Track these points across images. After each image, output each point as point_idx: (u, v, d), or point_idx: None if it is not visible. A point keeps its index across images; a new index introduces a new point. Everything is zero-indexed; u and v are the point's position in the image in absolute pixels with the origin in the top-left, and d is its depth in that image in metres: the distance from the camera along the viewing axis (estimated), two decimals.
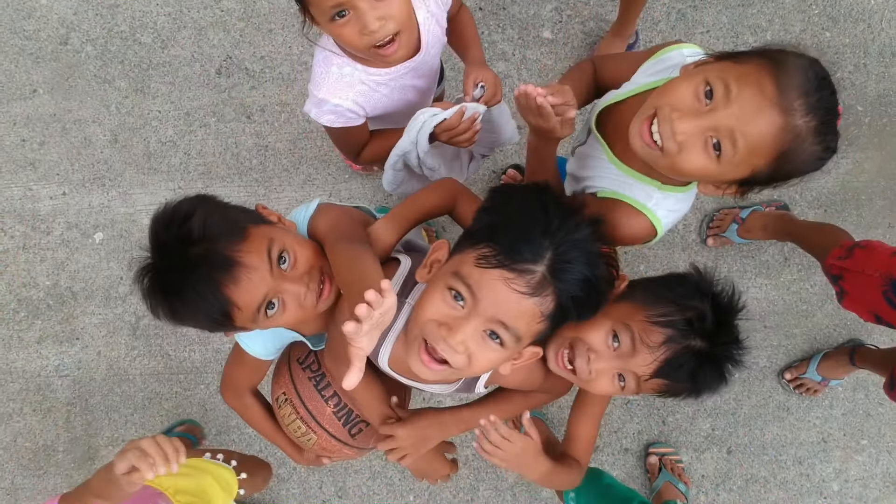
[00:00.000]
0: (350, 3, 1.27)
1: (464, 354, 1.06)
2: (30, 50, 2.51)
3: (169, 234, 1.14)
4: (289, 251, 1.21)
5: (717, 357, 1.21)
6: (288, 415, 1.51)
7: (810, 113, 1.06)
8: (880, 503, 2.52)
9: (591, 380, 1.27)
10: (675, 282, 1.28)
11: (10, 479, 2.55)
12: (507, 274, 1.02)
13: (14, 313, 2.54)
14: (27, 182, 2.52)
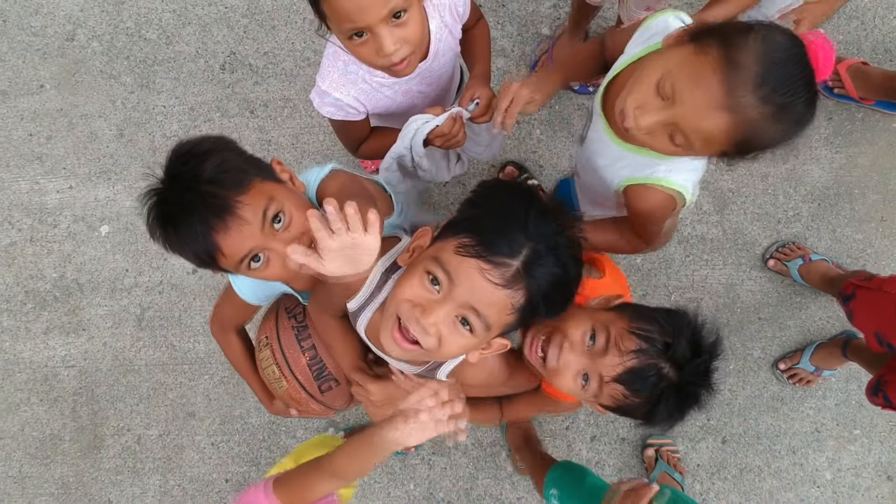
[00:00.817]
0: (369, 27, 1.29)
1: (434, 337, 1.08)
2: (37, 46, 2.53)
3: (183, 168, 1.16)
4: (285, 212, 1.21)
5: (682, 389, 1.22)
6: (266, 358, 1.54)
7: (763, 104, 1.07)
8: (872, 492, 2.53)
9: (557, 370, 1.28)
10: (667, 312, 1.29)
11: (18, 468, 2.57)
12: (484, 264, 1.04)
13: (21, 305, 2.55)
14: (34, 176, 2.54)
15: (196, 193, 1.14)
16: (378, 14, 1.26)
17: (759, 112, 1.07)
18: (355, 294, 1.30)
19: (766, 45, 1.08)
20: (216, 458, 2.54)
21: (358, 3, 1.24)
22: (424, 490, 2.51)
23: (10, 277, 2.55)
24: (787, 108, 1.08)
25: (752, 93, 1.06)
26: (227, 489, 2.54)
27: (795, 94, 1.08)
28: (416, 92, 1.62)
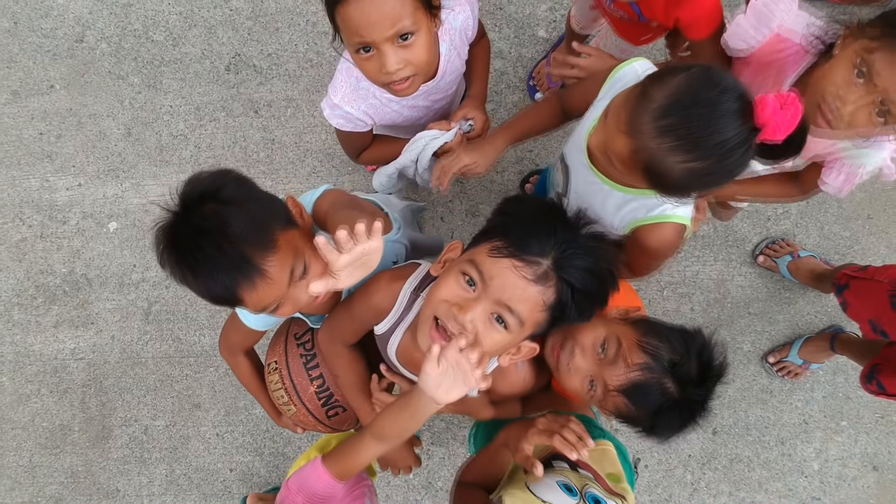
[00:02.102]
0: (375, 44, 1.31)
1: (472, 333, 1.09)
2: (47, 47, 2.54)
3: (207, 223, 1.11)
4: (308, 266, 1.21)
5: (683, 405, 1.24)
6: (275, 382, 1.56)
7: (662, 136, 1.07)
8: (858, 482, 2.55)
9: (567, 372, 1.31)
10: (680, 331, 1.31)
11: (29, 457, 2.58)
12: (516, 262, 1.08)
13: (32, 299, 2.57)
14: (44, 174, 2.55)
15: (225, 254, 1.10)
16: (385, 33, 1.29)
17: (658, 144, 1.08)
18: (384, 317, 1.33)
19: (686, 79, 1.08)
20: (221, 448, 2.56)
21: (367, 20, 1.27)
22: (423, 479, 2.53)
23: (21, 272, 2.56)
24: (690, 143, 1.07)
25: (652, 122, 1.08)
26: (231, 478, 2.56)
27: (693, 133, 1.07)
28: (423, 107, 1.65)
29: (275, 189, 2.51)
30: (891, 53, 1.18)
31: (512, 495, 1.28)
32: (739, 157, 1.08)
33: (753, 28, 1.40)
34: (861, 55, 1.22)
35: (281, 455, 2.54)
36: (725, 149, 1.07)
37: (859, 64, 1.22)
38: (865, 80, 1.22)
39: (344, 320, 1.41)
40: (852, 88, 1.24)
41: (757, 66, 1.45)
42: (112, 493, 2.58)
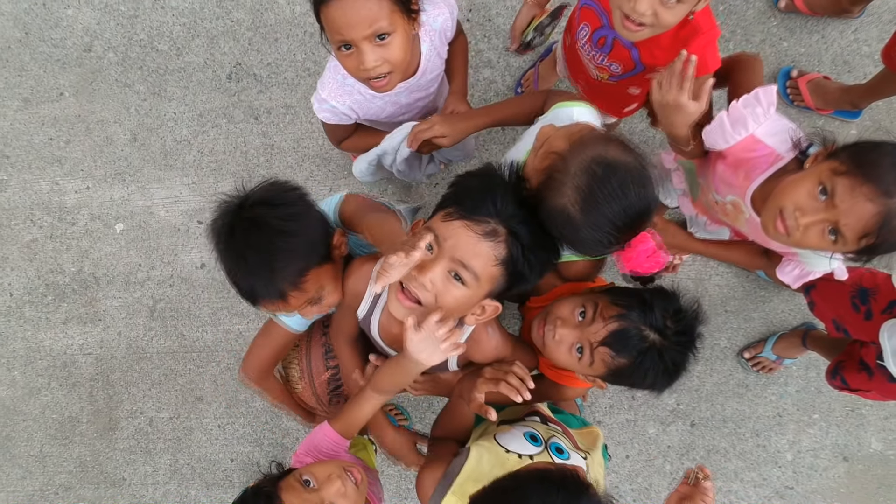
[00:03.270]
0: (354, 42, 1.40)
1: (432, 292, 1.19)
2: (57, 56, 2.60)
3: (261, 233, 1.30)
4: (325, 297, 1.40)
5: (663, 349, 1.32)
6: (292, 360, 1.68)
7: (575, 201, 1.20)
8: (829, 471, 2.62)
9: (555, 345, 1.40)
10: (648, 289, 1.40)
11: (39, 448, 2.65)
12: (467, 222, 1.17)
13: (42, 297, 2.64)
14: (54, 177, 2.62)
15: (263, 276, 1.30)
16: (363, 32, 1.38)
17: (575, 209, 1.18)
18: (361, 299, 1.44)
19: (596, 170, 1.18)
20: (222, 439, 2.63)
21: (347, 20, 1.36)
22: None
23: (32, 271, 2.63)
24: (589, 210, 1.18)
25: (568, 178, 1.19)
26: (232, 468, 2.63)
27: (599, 202, 1.17)
28: (405, 104, 1.73)
29: None
30: (853, 183, 1.25)
31: (479, 445, 1.37)
32: (598, 248, 1.22)
33: (731, 128, 1.46)
34: (828, 176, 1.29)
35: (280, 446, 2.61)
36: (590, 238, 1.19)
37: (826, 182, 1.29)
38: (827, 198, 1.28)
39: (341, 316, 1.52)
40: (813, 203, 1.30)
41: (732, 162, 1.52)
42: (119, 482, 2.65)
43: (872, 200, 1.24)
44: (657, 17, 1.36)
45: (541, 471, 1.18)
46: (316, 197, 2.53)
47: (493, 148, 2.57)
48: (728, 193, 1.58)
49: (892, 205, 1.23)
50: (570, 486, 1.11)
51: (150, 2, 2.57)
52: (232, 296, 2.48)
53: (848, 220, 1.27)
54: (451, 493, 1.32)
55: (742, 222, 1.59)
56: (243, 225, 1.31)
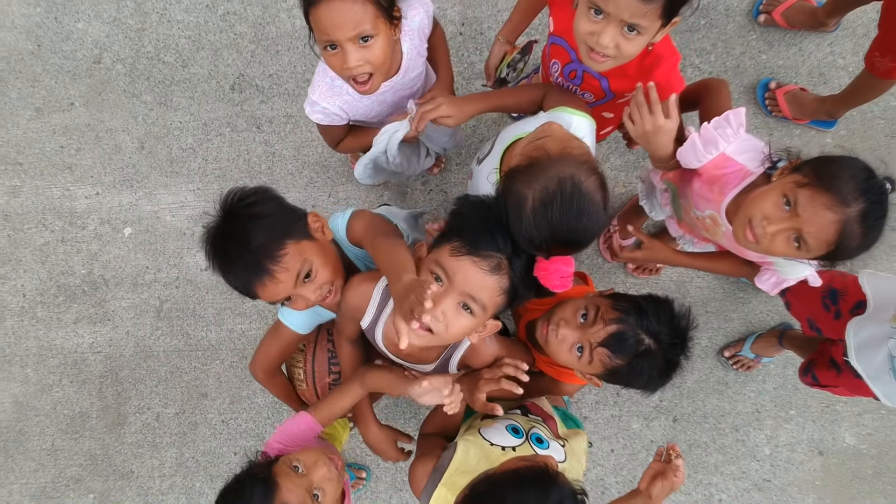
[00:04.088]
0: (339, 42, 1.49)
1: (443, 322, 1.27)
2: (68, 68, 2.69)
3: (235, 226, 1.40)
4: (314, 271, 1.45)
5: (657, 352, 1.40)
6: (297, 361, 1.76)
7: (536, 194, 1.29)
8: (805, 465, 2.70)
9: (557, 344, 1.49)
10: (647, 295, 1.49)
11: (51, 441, 2.74)
12: (475, 258, 1.25)
13: (54, 297, 2.72)
14: (65, 183, 2.70)
15: (243, 259, 1.38)
16: (347, 33, 1.47)
17: (532, 203, 1.27)
18: (362, 314, 1.52)
19: (567, 186, 1.27)
20: (226, 433, 2.72)
21: (332, 22, 1.45)
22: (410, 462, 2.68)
23: (44, 273, 2.71)
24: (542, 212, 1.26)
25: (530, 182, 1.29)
26: (235, 461, 2.71)
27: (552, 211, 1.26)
28: (391, 103, 1.81)
29: None
30: (815, 195, 1.34)
31: (465, 440, 1.46)
32: (527, 244, 1.29)
33: (703, 148, 1.54)
34: (792, 188, 1.38)
35: None
36: (526, 233, 1.27)
37: (789, 194, 1.38)
38: (791, 209, 1.37)
39: (341, 319, 1.60)
40: (779, 213, 1.39)
41: (706, 179, 1.60)
42: (127, 475, 2.73)
43: (831, 209, 1.33)
44: (619, 49, 1.44)
45: (514, 469, 1.27)
46: (316, 202, 2.64)
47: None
48: (706, 208, 1.66)
49: (850, 213, 1.32)
50: (540, 480, 1.20)
51: (157, 16, 2.66)
52: (235, 296, 2.56)
53: (810, 228, 1.36)
54: (441, 484, 1.41)
55: (720, 235, 1.67)
56: (221, 227, 1.41)
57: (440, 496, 1.39)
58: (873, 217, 1.33)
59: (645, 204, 2.19)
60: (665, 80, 1.53)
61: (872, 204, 1.32)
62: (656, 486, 1.51)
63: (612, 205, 2.63)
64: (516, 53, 1.89)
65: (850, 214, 1.32)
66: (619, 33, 1.41)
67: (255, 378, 1.81)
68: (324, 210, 2.67)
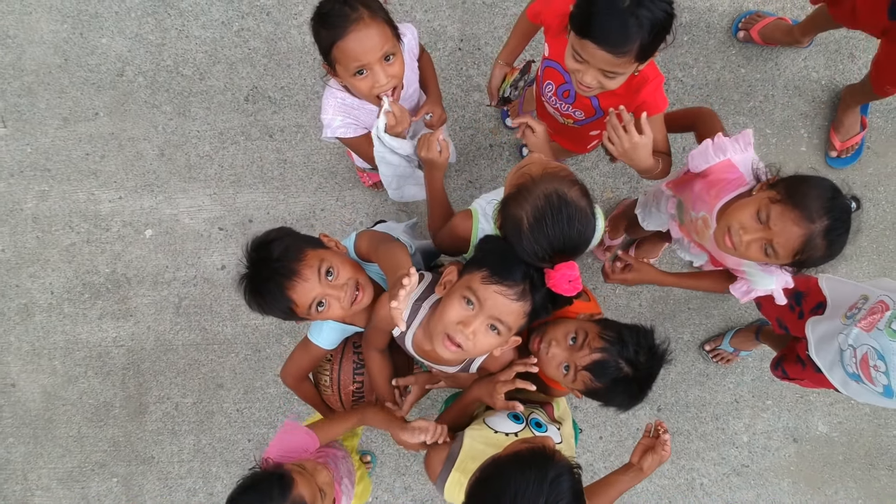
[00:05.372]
0: (370, 66, 1.64)
1: (472, 341, 1.43)
2: (92, 80, 2.80)
3: (258, 254, 1.55)
4: (333, 267, 1.58)
5: (633, 380, 1.55)
6: (324, 370, 1.90)
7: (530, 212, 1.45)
8: (781, 451, 2.84)
9: (547, 360, 1.63)
10: (633, 326, 1.62)
11: (77, 429, 2.86)
12: (503, 288, 1.40)
13: (80, 295, 2.85)
14: (90, 188, 2.82)
15: (270, 269, 1.52)
16: (376, 55, 1.63)
17: (527, 221, 1.42)
18: (392, 326, 1.67)
19: (554, 199, 1.41)
20: (240, 421, 2.84)
21: (363, 48, 1.61)
22: None
23: (71, 272, 2.84)
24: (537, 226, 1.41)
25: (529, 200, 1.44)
26: (249, 447, 2.85)
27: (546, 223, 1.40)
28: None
29: (286, 202, 2.80)
30: (785, 211, 1.48)
31: (472, 430, 1.61)
32: (531, 258, 1.42)
33: (713, 153, 1.69)
34: (766, 203, 1.52)
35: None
36: (528, 248, 1.41)
37: (763, 209, 1.52)
38: (764, 222, 1.52)
39: (371, 331, 1.74)
40: (754, 224, 1.54)
41: (710, 181, 1.74)
42: (148, 460, 2.87)
43: (798, 225, 1.47)
44: (602, 85, 1.59)
45: (515, 452, 1.39)
46: (325, 206, 2.77)
47: (481, 163, 2.79)
48: (701, 209, 1.80)
49: (814, 228, 1.47)
50: (540, 459, 1.32)
51: (176, 32, 2.79)
52: None
53: (779, 240, 1.50)
54: (454, 469, 1.55)
55: (707, 238, 1.81)
56: (250, 273, 1.57)
57: (454, 480, 1.53)
58: (836, 232, 1.48)
59: (640, 213, 2.32)
60: (651, 99, 1.68)
61: (835, 220, 1.47)
62: (647, 459, 1.66)
63: (603, 208, 2.76)
64: (516, 74, 2.02)
65: (814, 230, 1.47)
66: (599, 74, 1.55)
67: (284, 384, 1.95)
68: (331, 213, 2.81)
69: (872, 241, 2.80)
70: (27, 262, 2.82)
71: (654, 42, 1.48)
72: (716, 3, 2.75)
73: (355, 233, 1.83)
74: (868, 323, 1.71)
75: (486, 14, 2.76)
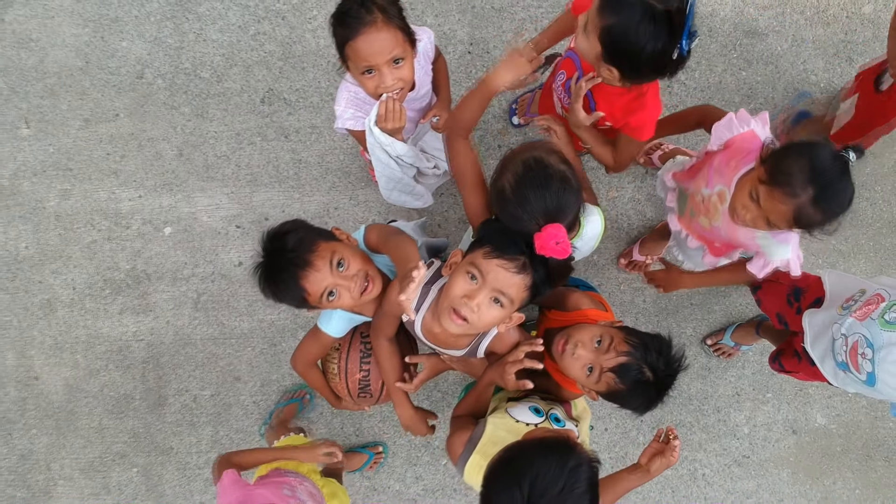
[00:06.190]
0: (377, 67, 1.71)
1: (477, 314, 1.49)
2: (113, 83, 2.86)
3: (273, 245, 1.61)
4: (344, 259, 1.64)
5: (653, 384, 1.61)
6: (332, 358, 1.95)
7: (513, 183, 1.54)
8: (780, 443, 2.90)
9: (571, 360, 1.68)
10: (654, 335, 1.69)
11: (98, 421, 2.91)
12: (504, 261, 1.47)
13: (101, 290, 2.89)
14: (111, 187, 2.87)
15: (284, 259, 1.58)
16: (384, 58, 1.70)
17: (509, 188, 1.52)
18: (401, 312, 1.72)
19: (531, 164, 1.51)
20: (257, 413, 2.89)
21: (371, 50, 1.68)
22: (423, 439, 2.87)
23: (92, 268, 2.89)
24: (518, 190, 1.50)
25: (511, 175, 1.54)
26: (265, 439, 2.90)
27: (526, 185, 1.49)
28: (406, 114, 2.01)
29: (301, 200, 2.86)
30: (769, 191, 1.57)
31: (494, 417, 1.67)
32: (520, 223, 1.49)
33: (738, 124, 1.77)
34: (755, 184, 1.61)
35: (306, 420, 2.88)
36: (515, 212, 1.49)
37: (752, 189, 1.61)
38: (755, 201, 1.61)
39: (380, 318, 1.79)
40: (751, 203, 1.63)
41: (730, 152, 1.81)
42: (167, 451, 2.92)
43: (783, 202, 1.55)
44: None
45: (540, 438, 1.45)
46: (338, 205, 2.83)
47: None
48: (717, 183, 1.86)
49: (800, 201, 1.54)
50: (563, 447, 1.37)
51: (194, 35, 2.84)
52: None
53: (771, 216, 1.60)
54: (475, 452, 1.61)
55: (719, 216, 1.87)
56: (265, 262, 1.63)
57: (474, 462, 1.59)
58: (825, 197, 1.53)
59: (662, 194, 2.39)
60: (636, 126, 1.80)
61: (821, 187, 1.53)
62: (655, 463, 1.73)
63: (629, 227, 2.85)
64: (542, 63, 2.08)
65: (800, 202, 1.54)
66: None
67: (294, 370, 2.01)
68: (345, 211, 2.86)
69: (870, 239, 2.86)
70: (50, 258, 2.88)
71: None
72: (718, 7, 2.81)
73: (364, 226, 1.89)
74: (862, 313, 1.77)
75: (494, 18, 2.81)
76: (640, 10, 1.48)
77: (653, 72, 1.62)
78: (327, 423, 2.89)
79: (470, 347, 1.76)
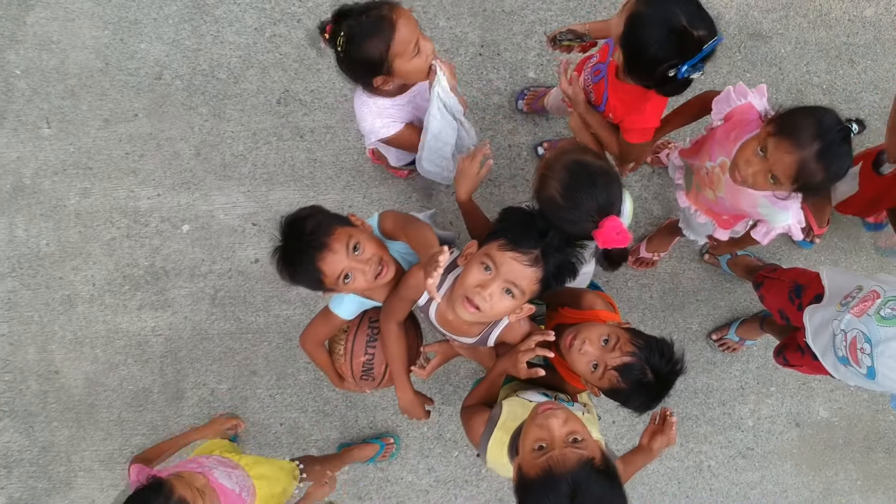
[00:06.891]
0: (419, 41, 1.81)
1: (489, 303, 1.54)
2: (132, 83, 2.90)
3: (291, 229, 1.66)
4: (360, 244, 1.68)
5: (653, 386, 1.66)
6: (340, 339, 2.00)
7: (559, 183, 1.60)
8: (784, 435, 2.94)
9: (578, 356, 1.72)
10: (657, 338, 1.73)
11: (118, 414, 2.95)
12: (517, 254, 1.52)
13: (120, 286, 2.93)
14: (130, 186, 2.92)
15: (303, 242, 1.63)
16: (417, 31, 1.79)
17: (559, 195, 1.58)
18: (421, 292, 1.77)
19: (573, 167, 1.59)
20: (273, 406, 2.93)
21: (412, 28, 1.78)
22: (435, 432, 2.92)
23: (112, 265, 2.93)
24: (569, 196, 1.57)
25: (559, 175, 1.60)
26: (281, 431, 2.94)
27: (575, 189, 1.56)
28: (419, 103, 2.08)
29: (316, 199, 2.89)
30: (777, 142, 1.63)
31: (507, 399, 1.72)
32: (579, 226, 1.56)
33: (735, 96, 1.85)
34: (764, 138, 1.66)
35: (321, 412, 2.92)
36: (571, 217, 1.55)
37: (761, 142, 1.66)
38: (763, 154, 1.66)
39: (394, 301, 1.84)
40: (755, 158, 1.68)
41: (730, 125, 1.88)
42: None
43: (790, 153, 1.61)
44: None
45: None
46: (353, 203, 2.88)
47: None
48: (719, 155, 1.93)
49: (806, 154, 1.60)
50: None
51: (212, 38, 2.89)
52: (281, 286, 2.80)
53: (776, 168, 1.65)
54: (497, 428, 1.67)
55: (722, 186, 1.94)
56: (283, 246, 1.68)
57: (497, 438, 1.65)
58: (829, 153, 1.59)
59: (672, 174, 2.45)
60: (629, 127, 1.87)
61: (826, 143, 1.59)
62: (656, 441, 1.78)
63: (636, 224, 2.90)
64: (579, 36, 2.11)
65: (806, 154, 1.60)
66: None
67: (302, 348, 2.06)
68: (359, 209, 2.91)
69: (870, 237, 2.91)
70: (70, 255, 2.92)
71: None
72: (723, 10, 2.85)
73: (378, 213, 1.93)
74: (860, 309, 1.83)
75: (505, 21, 2.86)
76: (666, 14, 1.54)
77: (646, 75, 1.68)
78: (341, 415, 2.93)
79: (481, 336, 1.82)
